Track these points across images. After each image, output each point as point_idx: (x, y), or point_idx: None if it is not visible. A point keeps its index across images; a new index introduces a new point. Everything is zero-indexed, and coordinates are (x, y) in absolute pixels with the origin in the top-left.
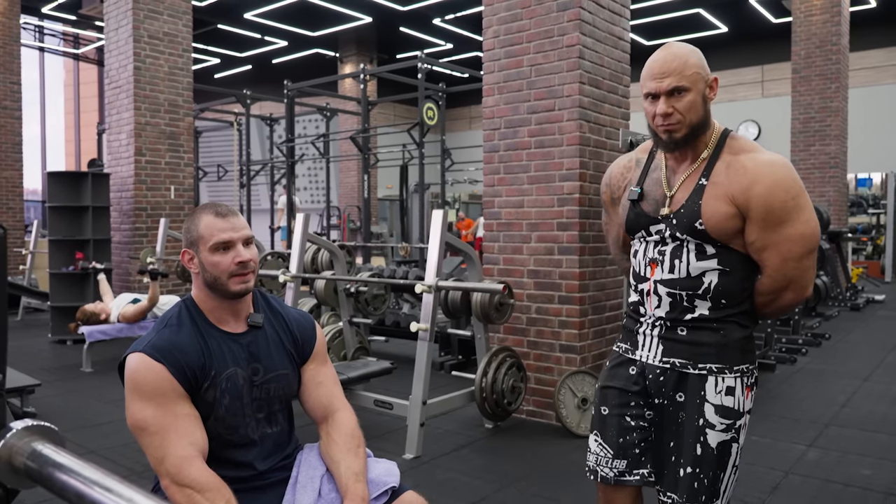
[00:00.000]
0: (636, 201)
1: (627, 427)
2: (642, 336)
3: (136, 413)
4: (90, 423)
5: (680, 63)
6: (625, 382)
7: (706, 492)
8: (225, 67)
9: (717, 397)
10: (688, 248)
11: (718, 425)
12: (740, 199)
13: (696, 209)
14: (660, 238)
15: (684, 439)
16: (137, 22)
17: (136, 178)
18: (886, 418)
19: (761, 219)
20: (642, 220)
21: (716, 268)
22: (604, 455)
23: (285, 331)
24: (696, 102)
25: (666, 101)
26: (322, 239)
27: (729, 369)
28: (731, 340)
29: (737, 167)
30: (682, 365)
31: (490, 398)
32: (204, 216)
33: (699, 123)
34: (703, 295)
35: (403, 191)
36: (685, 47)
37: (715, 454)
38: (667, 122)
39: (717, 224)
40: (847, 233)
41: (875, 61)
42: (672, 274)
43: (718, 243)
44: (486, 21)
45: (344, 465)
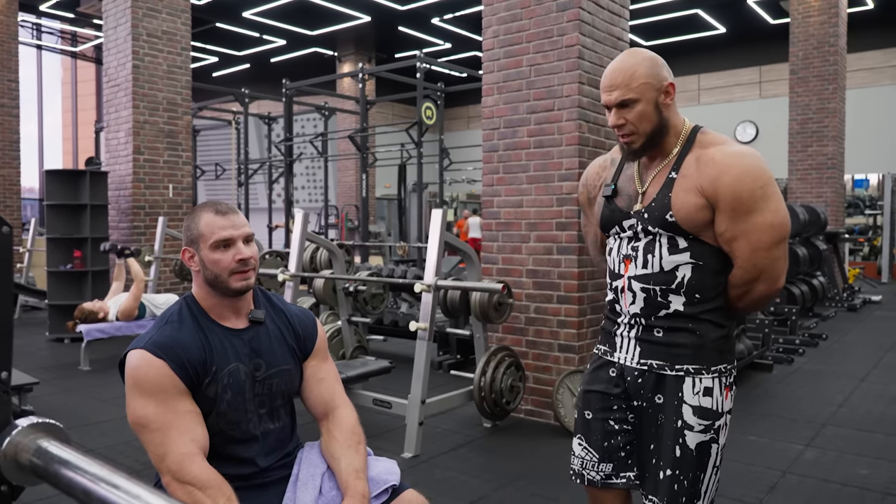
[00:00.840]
0: (610, 198)
1: (611, 431)
2: (620, 338)
3: (137, 410)
4: (89, 422)
5: (627, 76)
6: (606, 385)
7: (686, 493)
8: (223, 66)
9: (694, 398)
10: (660, 242)
11: (697, 426)
12: (709, 189)
13: (667, 202)
14: (633, 233)
15: (664, 441)
16: (136, 20)
17: (134, 177)
18: (883, 418)
19: (730, 208)
20: (616, 216)
21: (688, 261)
22: (589, 459)
23: (287, 326)
24: (647, 111)
25: (616, 113)
26: (321, 238)
27: (706, 370)
28: (708, 341)
29: (706, 159)
30: (660, 366)
31: (489, 397)
32: (204, 214)
33: (655, 130)
34: (676, 289)
35: (401, 190)
36: (636, 56)
37: (694, 455)
38: (620, 132)
39: (687, 215)
40: (844, 234)
41: (872, 62)
42: (645, 269)
43: (690, 236)
44: (486, 21)
45: (345, 461)
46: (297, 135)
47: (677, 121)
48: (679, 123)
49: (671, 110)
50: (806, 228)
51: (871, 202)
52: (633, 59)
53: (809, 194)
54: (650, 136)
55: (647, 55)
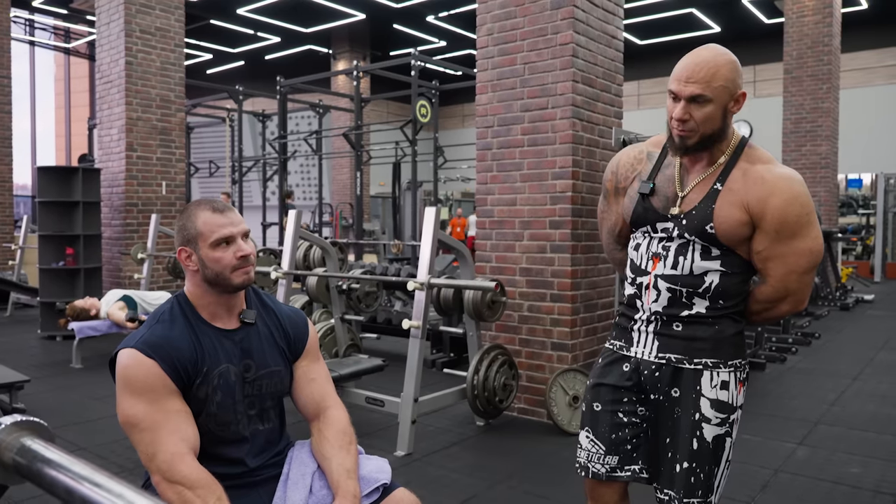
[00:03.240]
0: (647, 195)
1: (620, 423)
2: (637, 333)
3: (127, 409)
4: (80, 420)
5: (709, 73)
6: (618, 379)
7: (702, 486)
8: (217, 63)
9: (712, 391)
10: (693, 247)
11: (714, 419)
12: (756, 208)
13: (709, 213)
14: (666, 235)
15: (680, 434)
16: (129, 16)
17: (127, 174)
18: (875, 417)
19: (774, 230)
20: (650, 216)
21: (718, 269)
22: (596, 451)
23: (278, 327)
24: (715, 115)
25: (685, 107)
26: (314, 236)
27: (724, 364)
28: (726, 335)
29: (754, 176)
30: (678, 360)
31: (482, 396)
32: (201, 213)
33: (714, 134)
34: (703, 294)
35: (396, 188)
36: (721, 57)
37: (710, 448)
38: (681, 127)
39: (728, 230)
40: (837, 233)
41: (866, 62)
42: (675, 270)
43: (724, 247)
44: (480, 19)
45: (335, 461)
46: (291, 132)
47: (731, 131)
48: (730, 133)
49: (731, 121)
50: None
51: (864, 202)
52: (720, 59)
53: None
54: (707, 138)
55: (732, 58)
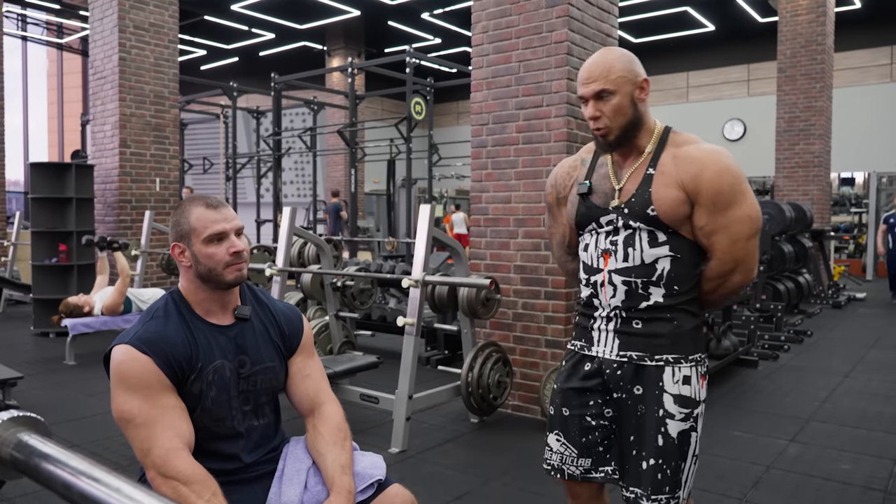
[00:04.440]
0: (586, 195)
1: (589, 427)
2: (597, 332)
3: (122, 405)
4: (74, 417)
5: (605, 68)
6: (582, 381)
7: (669, 483)
8: (211, 59)
9: (674, 387)
10: (640, 236)
11: (678, 415)
12: (690, 185)
13: (647, 196)
14: (612, 228)
15: (645, 431)
16: (123, 12)
17: (120, 170)
18: (866, 414)
19: (711, 202)
20: (593, 213)
21: (668, 254)
22: (569, 454)
23: (272, 323)
24: (623, 104)
25: (593, 105)
26: (308, 233)
27: (684, 359)
28: (685, 330)
29: (683, 156)
30: (639, 357)
31: (476, 393)
32: (194, 208)
33: (629, 124)
34: (657, 281)
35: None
36: (614, 52)
37: (676, 444)
38: (596, 124)
39: (668, 210)
40: (830, 231)
41: (859, 62)
42: (626, 262)
43: (669, 229)
44: (476, 16)
45: (330, 457)
46: (285, 129)
47: (649, 120)
48: (652, 122)
49: (645, 108)
50: (792, 226)
51: (856, 200)
52: (611, 55)
53: (796, 192)
54: (624, 130)
55: (624, 52)
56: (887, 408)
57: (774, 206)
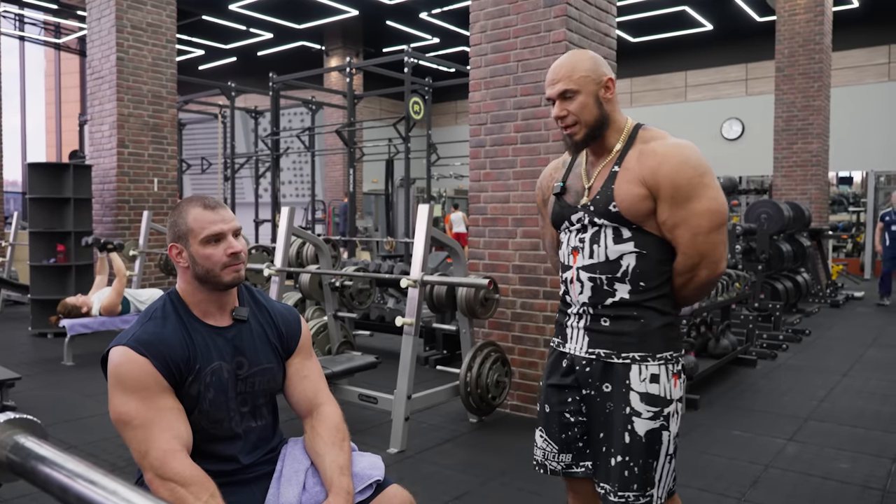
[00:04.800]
0: (559, 195)
1: (568, 423)
2: (570, 329)
3: (120, 406)
4: (72, 418)
5: (568, 69)
6: (560, 378)
7: (637, 480)
8: (209, 59)
9: (641, 385)
10: (605, 233)
11: (645, 413)
12: (650, 180)
13: (610, 193)
14: (580, 226)
15: (614, 428)
16: (120, 12)
17: (118, 170)
18: (864, 413)
19: (670, 196)
20: (565, 211)
21: (632, 250)
22: (550, 450)
23: (270, 325)
24: (588, 103)
25: (559, 105)
26: (307, 233)
27: (652, 357)
28: (652, 328)
29: (647, 152)
30: (607, 355)
31: (475, 393)
32: (192, 209)
33: (596, 122)
34: (621, 277)
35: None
36: (578, 54)
37: (644, 442)
38: (563, 123)
39: (629, 206)
40: (828, 230)
41: (856, 61)
42: (592, 259)
43: (633, 225)
44: (474, 16)
45: (329, 458)
46: (283, 129)
47: (620, 118)
48: (622, 121)
49: (612, 106)
50: (790, 225)
51: (854, 199)
52: (575, 57)
53: (794, 191)
54: (591, 128)
55: (588, 53)
56: (885, 406)
57: (773, 205)
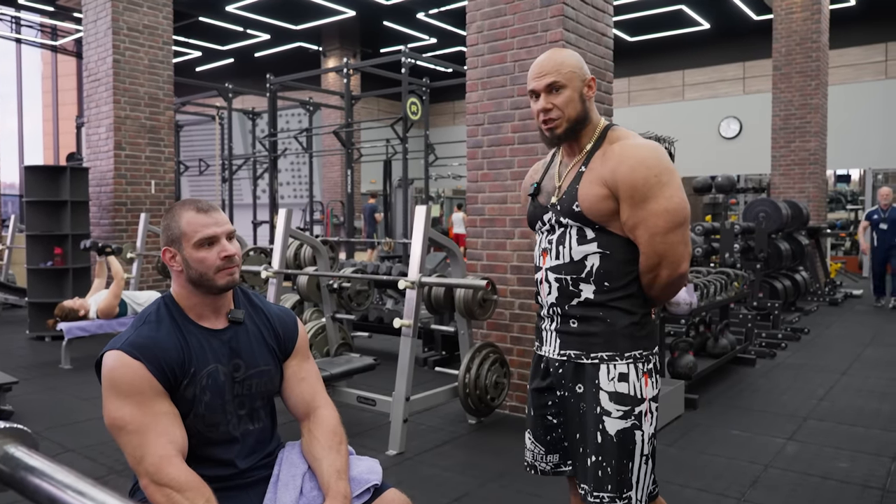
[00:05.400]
0: (534, 196)
1: (550, 425)
2: (545, 332)
3: (114, 412)
4: (69, 421)
5: (556, 63)
6: (539, 381)
7: (612, 481)
8: (206, 61)
9: (609, 384)
10: (570, 234)
11: (615, 412)
12: (610, 180)
13: (574, 193)
14: (549, 227)
15: (587, 428)
16: (116, 14)
17: (115, 173)
18: (863, 412)
19: (628, 196)
20: (538, 212)
21: (596, 251)
22: (538, 452)
23: (267, 326)
24: (574, 98)
25: (545, 98)
26: (304, 234)
27: (619, 356)
28: (618, 328)
29: (610, 153)
30: (577, 356)
31: (473, 394)
32: (185, 213)
33: (578, 118)
34: (586, 278)
35: (387, 186)
36: (563, 51)
37: (615, 442)
38: (547, 116)
39: (591, 206)
40: (826, 229)
41: (854, 59)
42: (558, 260)
43: (597, 226)
44: (470, 16)
45: (326, 462)
46: (281, 130)
47: (596, 118)
48: (596, 121)
49: (591, 106)
50: (788, 224)
51: (852, 197)
52: (562, 52)
53: (792, 189)
54: (572, 123)
55: (573, 53)
56: (884, 405)
57: (771, 203)
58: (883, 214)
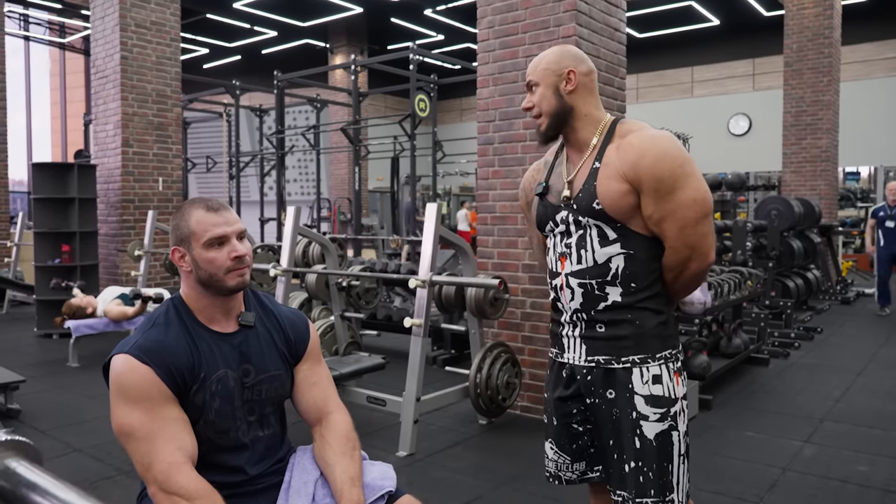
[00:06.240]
0: (542, 195)
1: (577, 433)
2: (566, 338)
3: (122, 418)
4: (76, 420)
5: (536, 64)
6: (561, 389)
7: (654, 486)
8: (214, 58)
9: (644, 388)
10: (590, 236)
11: (652, 415)
12: (631, 174)
13: (593, 190)
14: (565, 228)
15: (623, 434)
16: (124, 10)
17: (123, 170)
18: (881, 413)
19: (654, 189)
20: (549, 211)
21: (620, 252)
22: (563, 461)
23: (278, 330)
24: (546, 94)
25: (528, 97)
26: (313, 232)
27: (651, 358)
28: (648, 329)
29: (625, 146)
30: (606, 361)
31: (484, 394)
32: (194, 211)
33: (555, 112)
34: (612, 280)
35: (395, 183)
36: (549, 50)
37: (655, 446)
38: (530, 115)
39: (613, 202)
40: (838, 226)
41: (865, 55)
42: (580, 264)
43: (618, 224)
44: (481, 11)
45: (339, 468)
46: (288, 127)
47: (594, 112)
48: (599, 116)
49: (578, 98)
50: (800, 221)
51: (862, 195)
52: (547, 52)
53: (803, 187)
54: (552, 118)
55: (559, 49)
56: None
57: (783, 201)
58: (890, 211)
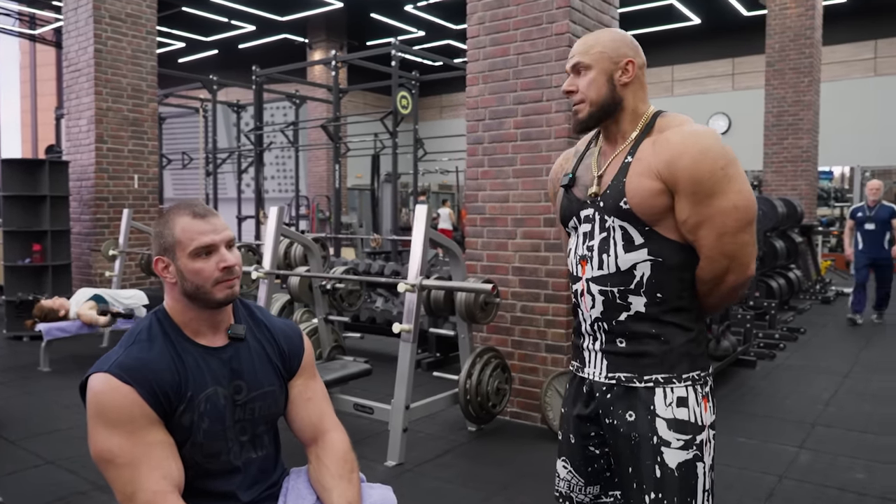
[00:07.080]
0: (568, 187)
1: (593, 455)
2: (588, 352)
3: (101, 443)
4: (48, 430)
5: (588, 44)
6: (580, 407)
7: None
8: (190, 52)
9: (667, 410)
10: (614, 239)
11: (675, 442)
12: (665, 173)
13: (621, 187)
14: (589, 228)
15: (642, 462)
16: (98, 2)
17: (97, 167)
18: (871, 418)
19: (691, 192)
20: (574, 206)
21: (646, 258)
22: (576, 482)
23: (271, 343)
24: (598, 81)
25: (570, 79)
26: (297, 233)
27: (677, 378)
28: (675, 346)
29: (661, 141)
30: (628, 379)
31: (474, 401)
32: (179, 218)
33: (603, 103)
34: (635, 289)
35: (374, 180)
36: (607, 31)
37: (677, 476)
38: (571, 99)
39: (642, 201)
40: (818, 226)
41: (844, 56)
42: (602, 270)
43: (646, 227)
44: (471, 6)
45: (336, 493)
46: (267, 123)
47: (641, 106)
48: (643, 109)
49: (630, 92)
50: (783, 221)
51: (837, 194)
52: (603, 32)
53: (784, 187)
54: (597, 109)
55: (615, 32)
56: (892, 410)
57: (766, 201)
58: (869, 212)
